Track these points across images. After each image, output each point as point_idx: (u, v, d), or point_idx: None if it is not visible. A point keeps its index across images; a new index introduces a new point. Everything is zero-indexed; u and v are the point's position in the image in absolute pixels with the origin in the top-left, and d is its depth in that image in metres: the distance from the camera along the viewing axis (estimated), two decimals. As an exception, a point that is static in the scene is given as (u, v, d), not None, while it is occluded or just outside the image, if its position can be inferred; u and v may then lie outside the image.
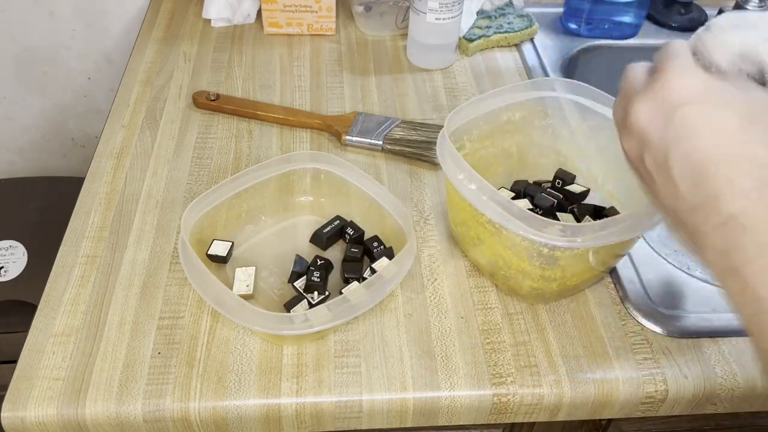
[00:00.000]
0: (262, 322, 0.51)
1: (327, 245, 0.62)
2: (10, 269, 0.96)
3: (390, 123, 0.73)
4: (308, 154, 0.64)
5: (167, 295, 0.58)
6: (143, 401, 0.51)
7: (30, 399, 0.50)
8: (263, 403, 0.51)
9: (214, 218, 0.61)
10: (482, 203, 0.52)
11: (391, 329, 0.56)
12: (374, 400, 0.52)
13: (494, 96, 0.61)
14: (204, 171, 0.69)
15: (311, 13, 0.87)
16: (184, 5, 0.93)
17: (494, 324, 0.57)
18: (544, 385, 0.53)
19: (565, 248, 0.51)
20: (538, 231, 0.50)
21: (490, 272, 0.59)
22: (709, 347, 0.56)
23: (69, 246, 0.61)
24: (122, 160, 0.70)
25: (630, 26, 0.91)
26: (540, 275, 0.54)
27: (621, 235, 0.51)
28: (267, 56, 0.85)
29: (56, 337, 0.54)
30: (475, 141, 0.62)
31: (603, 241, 0.50)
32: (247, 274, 0.58)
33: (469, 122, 0.60)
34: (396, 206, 0.59)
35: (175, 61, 0.83)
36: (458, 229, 0.61)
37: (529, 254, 0.53)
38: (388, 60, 0.85)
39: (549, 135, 0.65)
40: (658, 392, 0.53)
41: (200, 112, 0.76)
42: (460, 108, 0.59)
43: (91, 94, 1.11)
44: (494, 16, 0.90)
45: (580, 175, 0.65)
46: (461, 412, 0.53)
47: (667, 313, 0.58)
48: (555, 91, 0.62)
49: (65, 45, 1.04)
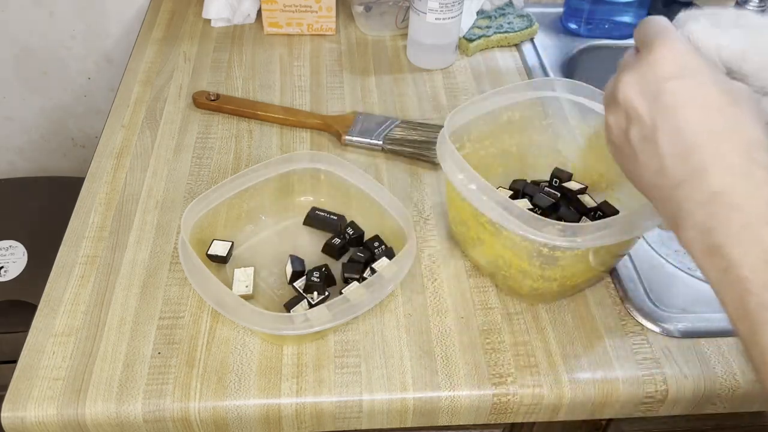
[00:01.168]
0: (262, 322, 0.51)
1: (340, 254, 0.61)
2: (10, 269, 0.96)
3: (390, 123, 0.73)
4: (308, 154, 0.64)
5: (167, 295, 0.58)
6: (143, 401, 0.51)
7: (30, 399, 0.50)
8: (263, 403, 0.51)
9: (214, 218, 0.61)
10: (482, 203, 0.52)
11: (391, 329, 0.56)
12: (374, 400, 0.52)
13: (494, 96, 0.61)
14: (204, 171, 0.69)
15: (311, 13, 0.87)
16: (184, 5, 0.93)
17: (494, 324, 0.57)
18: (544, 385, 0.53)
19: (566, 248, 0.51)
20: (537, 231, 0.50)
21: (491, 272, 0.59)
22: (709, 347, 0.56)
23: (69, 246, 0.61)
24: (122, 160, 0.70)
25: (630, 26, 0.91)
26: (540, 275, 0.54)
27: (621, 235, 0.51)
28: (267, 56, 0.85)
29: (56, 337, 0.54)
30: (475, 141, 0.62)
31: (603, 241, 0.50)
32: (246, 274, 0.58)
33: (469, 122, 0.60)
34: (396, 206, 0.59)
35: (175, 61, 0.83)
36: (458, 229, 0.61)
37: (528, 254, 0.53)
38: (388, 60, 0.85)
39: (549, 135, 0.65)
40: (658, 392, 0.53)
41: (200, 112, 0.76)
42: (460, 108, 0.59)
43: (91, 94, 1.11)
44: (494, 16, 0.90)
45: (579, 175, 0.65)
46: (461, 412, 0.53)
47: (667, 313, 0.58)
48: (555, 91, 0.62)
49: (65, 45, 1.04)
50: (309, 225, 0.64)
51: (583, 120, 0.63)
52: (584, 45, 0.90)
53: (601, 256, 0.55)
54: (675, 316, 0.58)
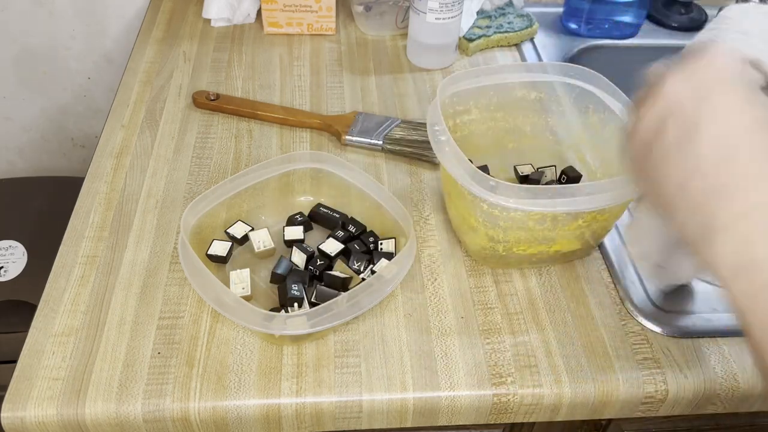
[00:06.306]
0: (262, 323, 0.51)
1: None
2: (10, 269, 0.96)
3: (390, 123, 0.73)
4: (308, 154, 0.64)
5: (167, 295, 0.58)
6: (143, 401, 0.51)
7: (30, 399, 0.50)
8: (263, 403, 0.51)
9: (214, 218, 0.61)
10: (444, 154, 0.55)
11: (391, 329, 0.56)
12: (374, 400, 0.52)
13: (505, 71, 0.63)
14: (204, 171, 0.69)
15: (311, 13, 0.87)
16: (184, 5, 0.93)
17: (494, 324, 0.57)
18: (544, 385, 0.53)
19: (495, 206, 0.53)
20: (476, 184, 0.52)
21: (455, 229, 0.62)
22: (709, 347, 0.56)
23: (69, 246, 0.61)
24: (122, 159, 0.70)
25: (630, 26, 0.91)
26: (485, 233, 0.56)
27: (542, 206, 0.52)
28: (267, 56, 0.85)
29: (56, 337, 0.54)
30: (483, 110, 0.64)
31: (533, 207, 0.52)
32: (242, 276, 0.57)
33: (479, 88, 0.62)
34: (396, 206, 0.59)
35: (175, 61, 0.83)
36: (444, 189, 0.63)
37: (474, 209, 0.55)
38: (388, 60, 0.85)
39: (564, 122, 0.66)
40: (658, 392, 0.53)
41: (200, 112, 0.76)
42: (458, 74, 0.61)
43: (90, 93, 1.11)
44: (494, 15, 0.90)
45: (588, 169, 0.66)
46: (461, 412, 0.53)
47: (667, 313, 0.58)
48: (573, 78, 0.63)
49: (65, 45, 1.04)
50: (313, 221, 0.64)
51: (596, 112, 0.63)
52: (584, 45, 0.90)
53: (539, 228, 0.55)
54: (675, 316, 0.58)
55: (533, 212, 0.53)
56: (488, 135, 0.66)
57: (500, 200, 0.52)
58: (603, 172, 0.64)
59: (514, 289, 0.59)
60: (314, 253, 0.60)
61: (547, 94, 0.65)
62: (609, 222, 0.58)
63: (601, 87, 0.61)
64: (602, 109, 0.61)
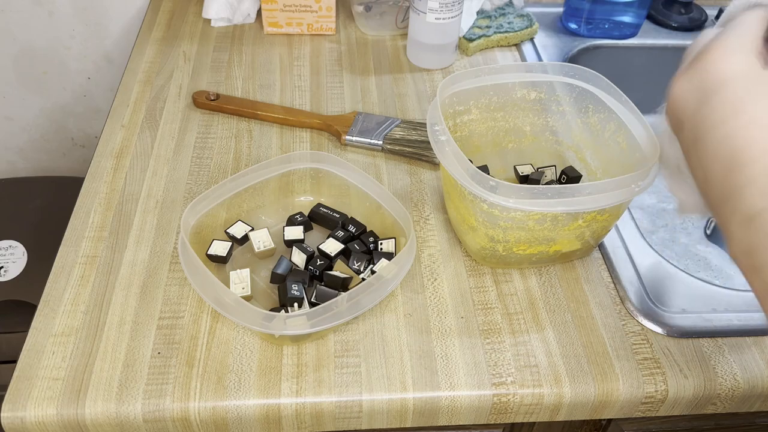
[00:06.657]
0: (262, 323, 0.51)
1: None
2: (10, 269, 0.96)
3: (390, 123, 0.73)
4: (308, 154, 0.64)
5: (167, 295, 0.58)
6: (143, 401, 0.51)
7: (30, 399, 0.50)
8: (263, 403, 0.51)
9: (214, 218, 0.61)
10: (444, 154, 0.55)
11: (391, 329, 0.56)
12: (374, 400, 0.52)
13: (505, 71, 0.63)
14: (204, 171, 0.69)
15: (311, 13, 0.87)
16: (184, 5, 0.93)
17: (494, 324, 0.57)
18: (544, 385, 0.53)
19: (496, 206, 0.53)
20: (475, 183, 0.52)
21: (455, 229, 0.62)
22: (709, 347, 0.56)
23: (69, 246, 0.61)
24: (122, 159, 0.70)
25: (630, 26, 0.91)
26: (485, 233, 0.56)
27: (542, 206, 0.52)
28: (267, 56, 0.85)
29: (56, 337, 0.54)
30: (483, 110, 0.64)
31: (525, 206, 0.52)
32: (242, 277, 0.57)
33: (479, 88, 0.62)
34: (396, 206, 0.59)
35: (175, 61, 0.83)
36: (444, 189, 0.63)
37: (474, 209, 0.55)
38: (388, 60, 0.85)
39: (564, 122, 0.66)
40: (658, 392, 0.53)
41: (200, 112, 0.76)
42: (471, 71, 0.61)
43: (90, 94, 1.11)
44: (494, 15, 0.90)
45: (588, 169, 0.66)
46: (461, 412, 0.53)
47: (667, 313, 0.58)
48: (573, 78, 0.63)
49: (65, 45, 1.04)
50: (313, 221, 0.64)
51: (595, 112, 0.63)
52: (584, 45, 0.90)
53: (538, 228, 0.55)
54: (675, 316, 0.58)
55: (533, 212, 0.53)
56: (488, 135, 0.66)
57: (500, 200, 0.52)
58: (603, 172, 0.64)
59: (514, 289, 0.60)
60: (314, 253, 0.60)
61: (547, 94, 0.65)
62: (609, 222, 0.58)
63: (601, 87, 0.61)
64: (602, 109, 0.61)
